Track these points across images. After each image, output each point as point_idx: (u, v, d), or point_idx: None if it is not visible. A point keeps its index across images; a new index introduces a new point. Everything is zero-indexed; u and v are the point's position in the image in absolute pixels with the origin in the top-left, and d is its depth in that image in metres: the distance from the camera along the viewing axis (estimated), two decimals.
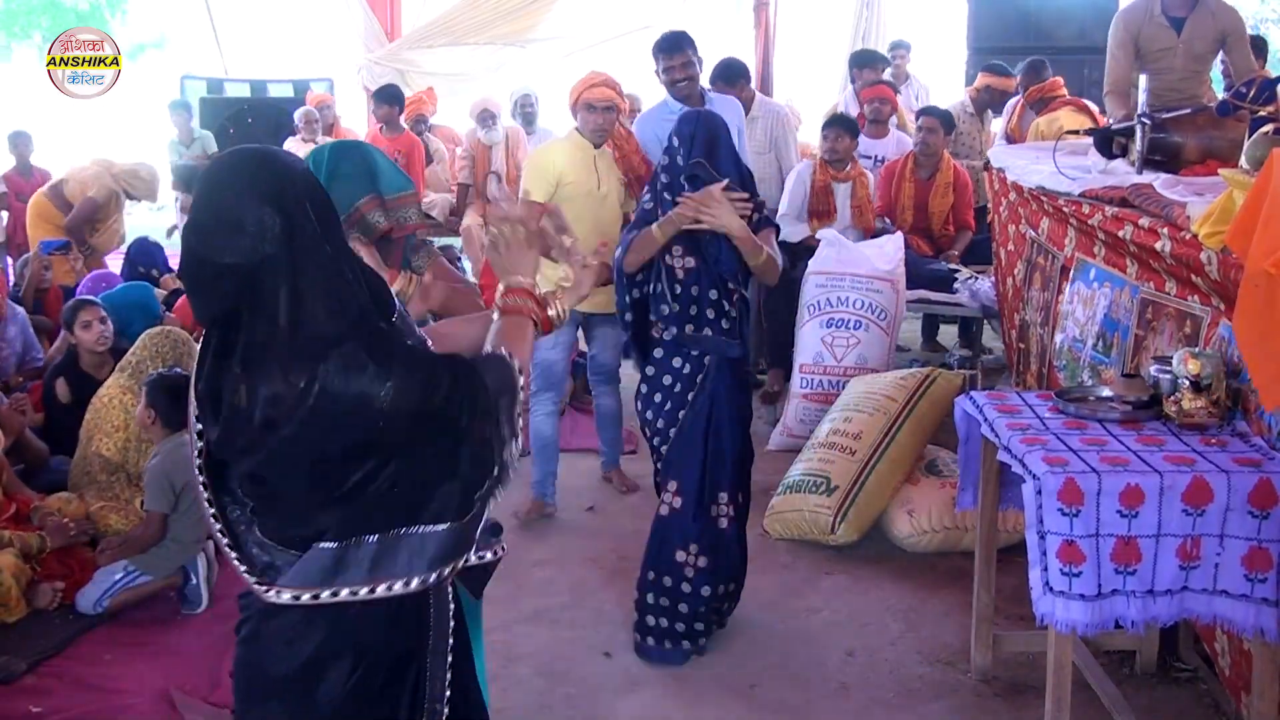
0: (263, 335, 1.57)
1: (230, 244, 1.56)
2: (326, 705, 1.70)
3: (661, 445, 3.44)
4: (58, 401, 4.63)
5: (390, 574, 1.67)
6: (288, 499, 1.68)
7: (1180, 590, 2.45)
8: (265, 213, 1.57)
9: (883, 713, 3.18)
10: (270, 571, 1.68)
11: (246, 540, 1.71)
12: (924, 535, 4.15)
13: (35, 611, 3.72)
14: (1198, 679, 3.21)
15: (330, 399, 1.56)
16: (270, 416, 1.58)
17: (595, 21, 10.07)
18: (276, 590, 1.66)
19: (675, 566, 3.36)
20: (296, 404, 1.56)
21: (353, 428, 1.60)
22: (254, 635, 1.74)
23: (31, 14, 20.23)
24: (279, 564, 1.68)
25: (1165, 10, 4.81)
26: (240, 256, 1.56)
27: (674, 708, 3.23)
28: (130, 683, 3.35)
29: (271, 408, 1.57)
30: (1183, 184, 3.25)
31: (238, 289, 1.57)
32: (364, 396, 1.58)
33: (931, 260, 6.12)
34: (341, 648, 1.70)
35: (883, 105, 6.77)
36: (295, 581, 1.66)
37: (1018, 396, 3.09)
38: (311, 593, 1.65)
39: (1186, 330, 3.04)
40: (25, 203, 8.47)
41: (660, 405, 3.43)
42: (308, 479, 1.65)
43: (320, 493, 1.65)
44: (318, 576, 1.65)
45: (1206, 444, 2.59)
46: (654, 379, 3.44)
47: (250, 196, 1.57)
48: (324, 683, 1.70)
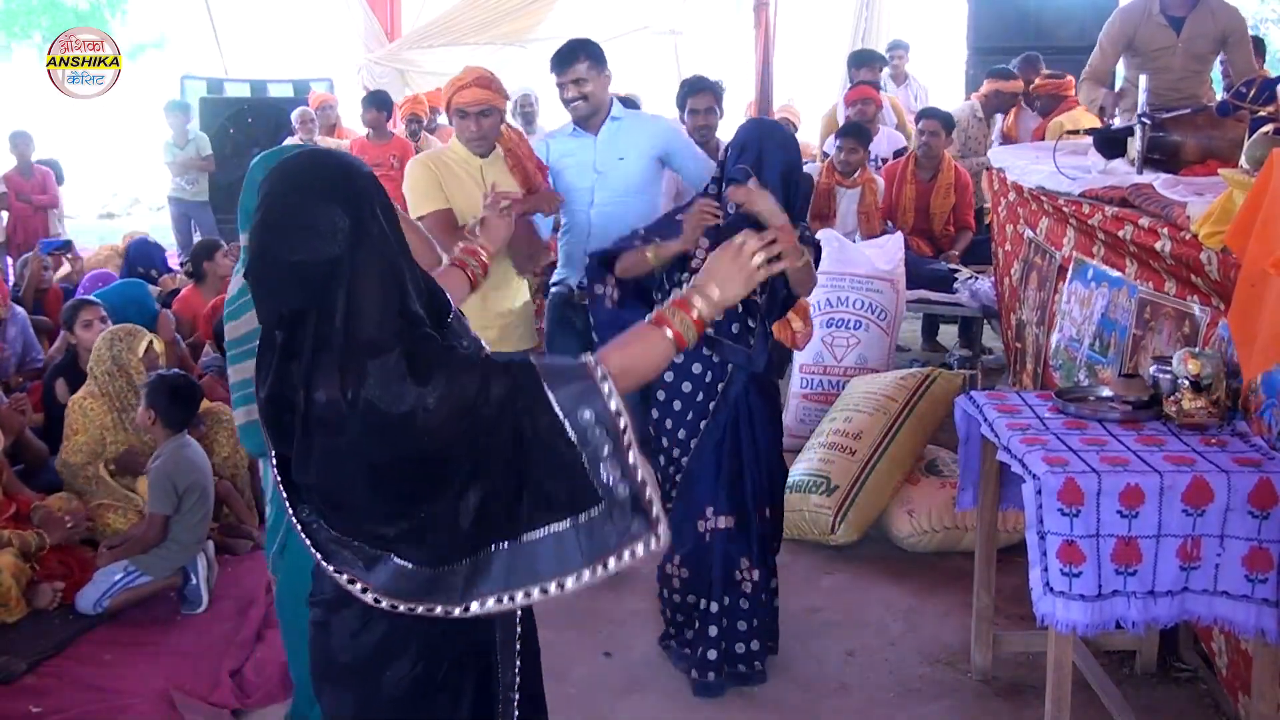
0: (325, 337, 1.57)
1: (302, 243, 1.56)
2: (391, 693, 1.73)
3: (682, 456, 3.25)
4: (58, 401, 4.63)
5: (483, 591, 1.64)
6: (351, 508, 1.67)
7: (1181, 591, 2.44)
8: (335, 213, 1.57)
9: (883, 713, 3.18)
10: (353, 567, 1.67)
11: (321, 539, 1.71)
12: (924, 535, 4.15)
13: (35, 611, 3.72)
14: (1198, 679, 3.20)
15: (370, 408, 1.55)
16: (325, 421, 1.57)
17: (595, 21, 10.08)
18: (374, 595, 1.65)
19: (735, 585, 3.22)
20: (347, 411, 1.56)
21: (395, 440, 1.57)
22: (323, 623, 1.78)
23: (31, 14, 20.24)
24: (362, 561, 1.67)
25: (1164, 10, 4.81)
26: (310, 255, 1.56)
27: (674, 708, 3.22)
28: (130, 683, 3.35)
29: (326, 412, 1.57)
30: (1183, 184, 3.25)
31: (306, 289, 1.57)
32: (404, 408, 1.56)
33: (931, 260, 6.12)
34: (403, 643, 1.73)
35: (866, 106, 6.77)
36: (384, 584, 1.65)
37: (1018, 396, 3.09)
38: (408, 605, 1.65)
39: (1185, 330, 3.04)
40: (25, 203, 8.49)
41: (680, 414, 3.24)
42: (368, 489, 1.63)
43: (384, 503, 1.64)
44: (410, 592, 1.64)
45: (1206, 444, 2.59)
46: (672, 385, 3.25)
47: (321, 197, 1.58)
48: (388, 672, 1.73)
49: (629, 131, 4.01)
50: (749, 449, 3.22)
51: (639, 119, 4.23)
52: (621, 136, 3.99)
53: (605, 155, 3.98)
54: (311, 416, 1.58)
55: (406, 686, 1.73)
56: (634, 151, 3.96)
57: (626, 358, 1.70)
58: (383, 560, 1.66)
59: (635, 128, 4.05)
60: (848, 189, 6.11)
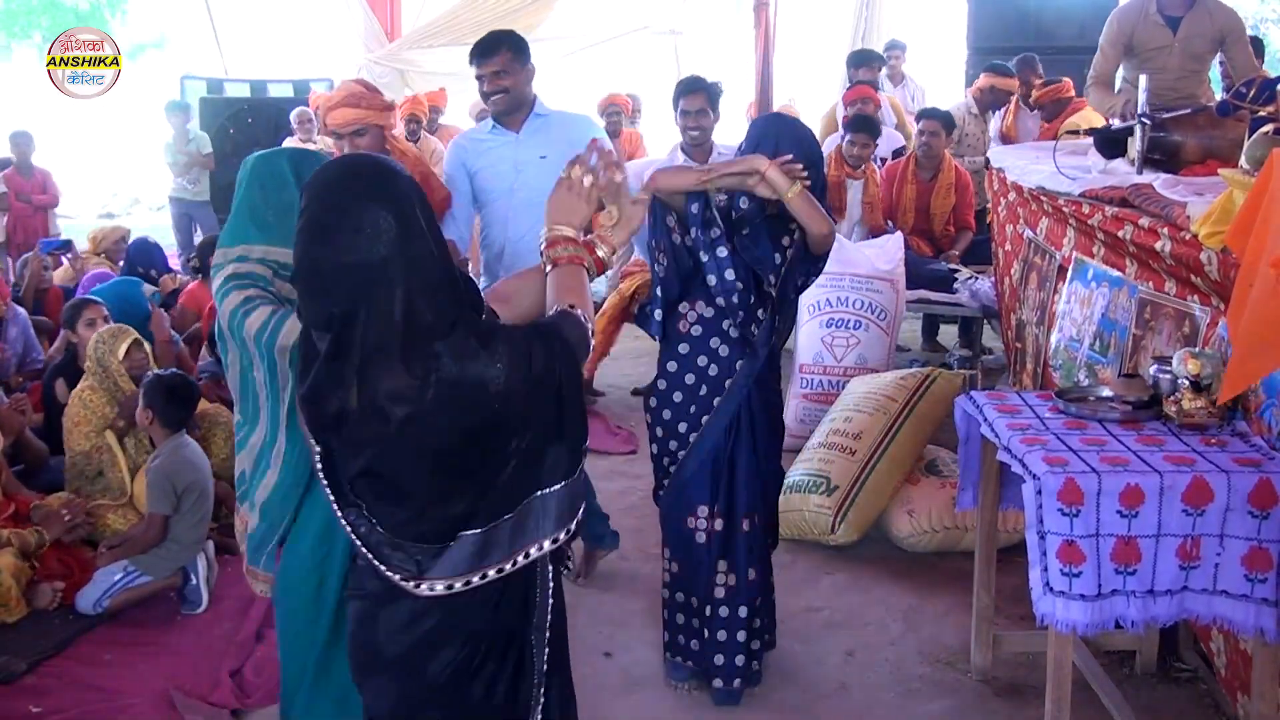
0: (381, 333, 1.63)
1: (350, 244, 1.62)
2: (435, 681, 1.80)
3: (679, 449, 3.20)
4: (58, 401, 4.63)
5: (524, 542, 1.77)
6: (411, 493, 1.73)
7: (1180, 590, 2.45)
8: (381, 215, 1.63)
9: (883, 713, 3.18)
10: (410, 565, 1.75)
11: (373, 541, 1.77)
12: (924, 535, 4.15)
13: (35, 611, 3.72)
14: (1198, 679, 3.21)
15: (450, 386, 1.64)
16: (390, 411, 1.64)
17: (595, 21, 10.08)
18: (429, 584, 1.74)
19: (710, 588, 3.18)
20: (418, 396, 1.63)
21: (472, 412, 1.67)
22: (369, 618, 1.83)
23: (31, 14, 20.25)
24: (419, 558, 1.74)
25: (1161, 9, 4.82)
26: (359, 256, 1.62)
27: (674, 708, 3.23)
28: (130, 683, 3.35)
29: (392, 402, 1.63)
30: (1183, 184, 3.25)
31: (355, 289, 1.63)
32: (480, 380, 1.66)
33: (931, 260, 6.13)
34: (452, 631, 1.80)
35: (865, 106, 6.77)
36: (445, 571, 1.74)
37: (1018, 396, 3.10)
38: (463, 580, 1.74)
39: (1185, 330, 3.04)
40: (25, 202, 8.49)
41: (681, 405, 3.18)
42: (430, 469, 1.70)
43: (444, 480, 1.71)
44: (465, 564, 1.74)
45: (1206, 444, 2.59)
46: (675, 375, 3.18)
47: (366, 199, 1.64)
48: (434, 662, 1.80)
49: (552, 129, 3.76)
50: (747, 454, 3.16)
51: (563, 116, 3.92)
52: (544, 134, 3.75)
53: (527, 153, 3.73)
54: (371, 410, 1.65)
55: (448, 676, 1.81)
56: (557, 150, 3.52)
57: (583, 300, 1.87)
58: (447, 549, 1.73)
59: (559, 125, 3.79)
60: (854, 180, 6.18)
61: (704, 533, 3.17)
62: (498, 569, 1.76)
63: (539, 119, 3.80)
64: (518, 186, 3.74)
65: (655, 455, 3.27)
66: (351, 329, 1.64)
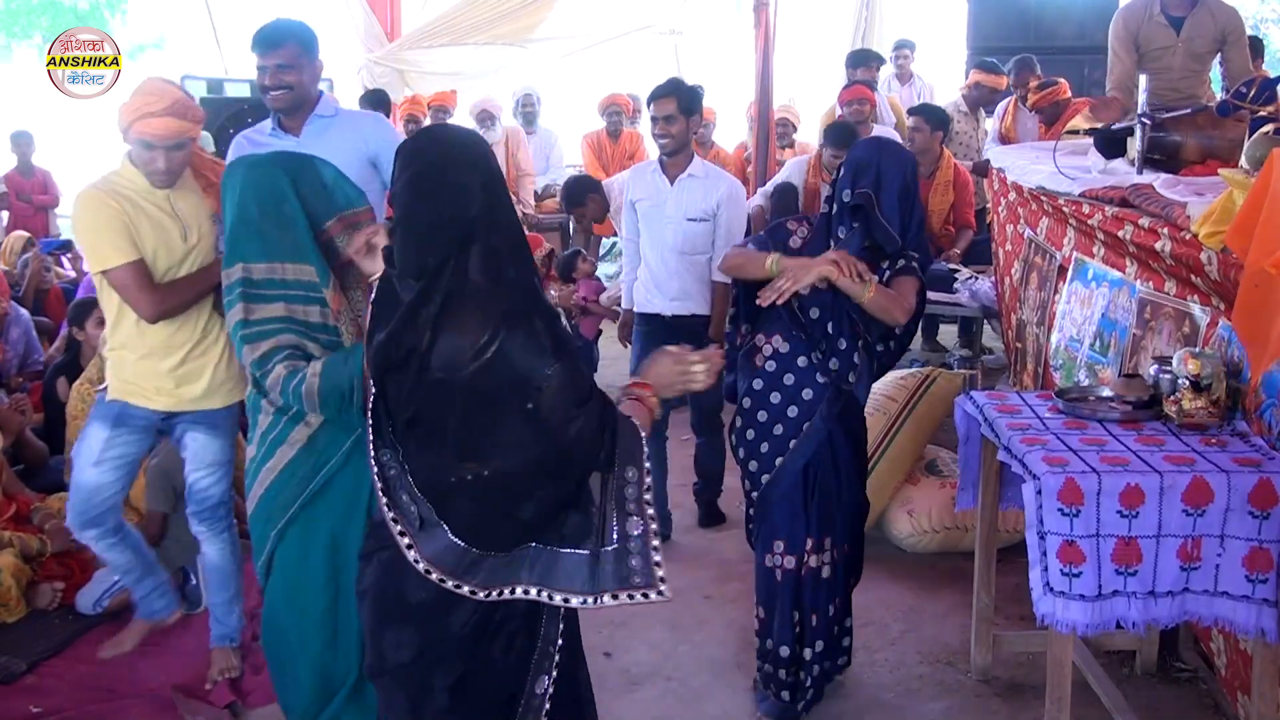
0: (463, 285, 1.80)
1: (453, 200, 1.82)
2: (455, 633, 1.89)
3: (761, 473, 3.06)
4: (58, 401, 4.63)
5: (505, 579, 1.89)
6: (438, 445, 1.85)
7: (1181, 592, 2.44)
8: (474, 178, 1.84)
9: (883, 713, 3.18)
10: (410, 522, 1.88)
11: (398, 488, 1.91)
12: (924, 535, 4.15)
13: (35, 611, 3.73)
14: (1198, 679, 3.21)
15: (503, 359, 1.78)
16: (449, 360, 1.79)
17: (595, 21, 10.07)
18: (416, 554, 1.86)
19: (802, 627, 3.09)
20: (474, 356, 1.77)
21: (510, 393, 1.79)
22: (396, 566, 1.91)
23: (31, 14, 20.23)
24: (424, 515, 1.88)
25: (1165, 9, 4.82)
26: (459, 211, 1.81)
27: (674, 708, 3.23)
28: (130, 683, 3.35)
29: (453, 352, 1.78)
30: (1183, 184, 3.25)
31: (450, 242, 1.80)
32: (530, 370, 1.79)
33: (931, 260, 6.11)
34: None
35: (861, 106, 6.75)
36: (431, 551, 1.87)
37: (1018, 396, 3.09)
38: (438, 575, 1.86)
39: (1185, 330, 3.04)
40: (26, 202, 8.50)
41: (765, 426, 3.04)
42: (459, 428, 1.82)
43: (471, 438, 1.82)
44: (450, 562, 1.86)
45: (1206, 444, 2.59)
46: (760, 393, 3.04)
47: (465, 163, 1.85)
48: (458, 612, 1.89)
49: (338, 130, 3.43)
50: (831, 477, 3.04)
51: (351, 117, 3.62)
52: (328, 137, 3.38)
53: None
54: (435, 353, 1.79)
55: (469, 630, 1.90)
56: (341, 155, 3.17)
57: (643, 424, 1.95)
58: (437, 530, 1.86)
59: (346, 126, 3.47)
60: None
61: (780, 570, 3.06)
62: (470, 590, 1.86)
63: (322, 121, 3.46)
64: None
65: (739, 479, 3.19)
66: (439, 278, 1.80)
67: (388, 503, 1.91)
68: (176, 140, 3.02)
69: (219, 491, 3.27)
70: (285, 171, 2.69)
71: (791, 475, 3.02)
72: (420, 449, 1.88)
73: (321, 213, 2.71)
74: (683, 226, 4.17)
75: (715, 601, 3.89)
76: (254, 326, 2.60)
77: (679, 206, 4.18)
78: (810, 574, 3.06)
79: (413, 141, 1.92)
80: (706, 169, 4.28)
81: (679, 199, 4.18)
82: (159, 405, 3.15)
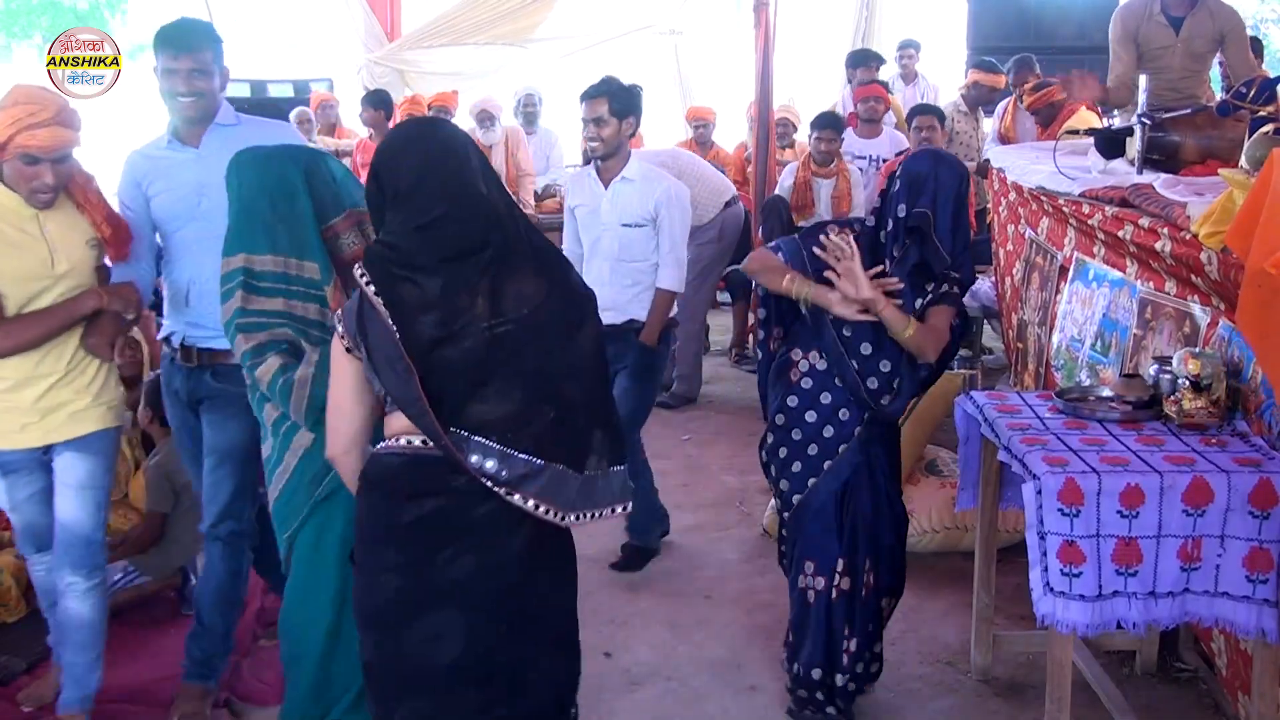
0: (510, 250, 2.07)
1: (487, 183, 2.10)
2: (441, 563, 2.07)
3: (793, 493, 2.99)
4: None
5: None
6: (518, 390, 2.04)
7: (1181, 592, 2.44)
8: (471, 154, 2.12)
9: (883, 713, 3.18)
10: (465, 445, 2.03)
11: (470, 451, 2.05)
12: (924, 535, 4.15)
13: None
14: (1198, 679, 3.21)
15: (560, 300, 2.09)
16: (502, 308, 2.02)
17: (595, 21, 10.07)
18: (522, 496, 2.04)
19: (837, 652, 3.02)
20: (532, 301, 2.04)
21: (554, 341, 2.07)
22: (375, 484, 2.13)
23: (31, 14, 20.22)
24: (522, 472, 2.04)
25: (1164, 9, 4.82)
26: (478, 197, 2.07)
27: (674, 708, 3.23)
28: (130, 683, 3.34)
29: (511, 301, 2.03)
30: (1183, 184, 3.25)
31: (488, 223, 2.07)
32: (577, 281, 2.17)
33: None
34: (518, 521, 2.08)
35: (877, 104, 6.77)
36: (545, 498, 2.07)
37: (1018, 396, 3.09)
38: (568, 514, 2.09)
39: (1186, 330, 3.04)
40: None
41: (800, 444, 2.97)
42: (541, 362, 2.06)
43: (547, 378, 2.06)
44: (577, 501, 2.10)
45: (1206, 444, 2.59)
46: (795, 410, 2.97)
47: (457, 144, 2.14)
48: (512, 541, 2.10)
49: (242, 141, 2.96)
50: (867, 497, 2.96)
51: (257, 125, 3.28)
52: (232, 147, 2.89)
53: (211, 174, 2.95)
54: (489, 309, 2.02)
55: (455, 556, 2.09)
56: None
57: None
58: (542, 471, 2.03)
59: (251, 136, 3.06)
60: (825, 179, 6.21)
61: (812, 590, 3.00)
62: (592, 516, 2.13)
63: (223, 130, 3.15)
64: (201, 214, 3.08)
65: (779, 510, 3.12)
66: (482, 253, 2.04)
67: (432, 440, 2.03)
68: (64, 151, 2.84)
69: (86, 520, 2.91)
70: (299, 166, 2.69)
71: (825, 496, 2.95)
72: (498, 402, 2.03)
73: (329, 209, 2.70)
74: (618, 232, 4.01)
75: (715, 601, 3.89)
76: (251, 317, 2.59)
77: (614, 212, 4.01)
78: (843, 597, 2.97)
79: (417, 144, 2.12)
80: (644, 171, 4.06)
81: (614, 204, 4.02)
82: (28, 442, 2.90)
